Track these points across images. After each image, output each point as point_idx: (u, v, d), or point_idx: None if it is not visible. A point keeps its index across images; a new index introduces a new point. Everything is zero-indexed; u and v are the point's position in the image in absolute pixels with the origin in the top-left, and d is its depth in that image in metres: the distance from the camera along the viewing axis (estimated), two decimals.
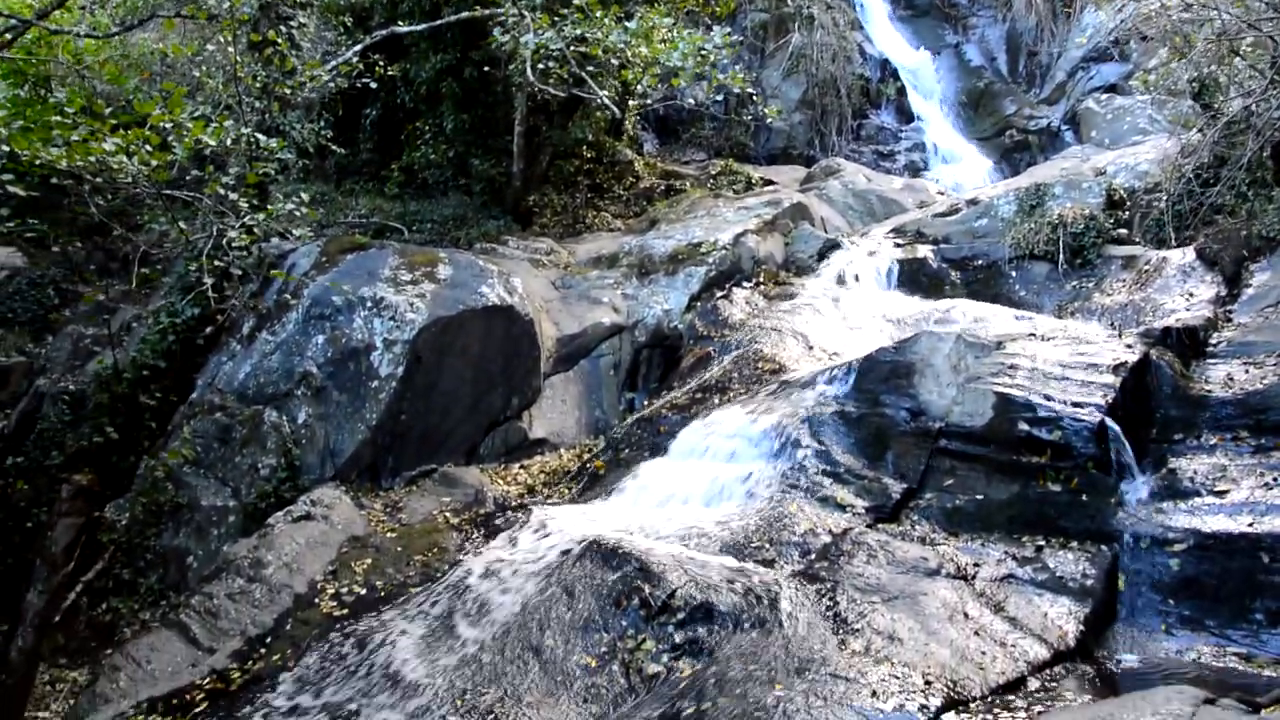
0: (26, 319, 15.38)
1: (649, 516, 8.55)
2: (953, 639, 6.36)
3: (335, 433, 10.72)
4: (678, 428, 9.71)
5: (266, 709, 6.89)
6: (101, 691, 7.99)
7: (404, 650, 7.05)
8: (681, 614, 6.76)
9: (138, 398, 11.56)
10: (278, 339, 11.47)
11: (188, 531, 10.47)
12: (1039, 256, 12.66)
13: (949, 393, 8.68)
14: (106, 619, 10.18)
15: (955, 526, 7.87)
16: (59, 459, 11.86)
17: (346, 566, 8.78)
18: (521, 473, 10.72)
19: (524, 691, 6.44)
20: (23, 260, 16.04)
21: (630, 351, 12.58)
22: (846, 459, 8.66)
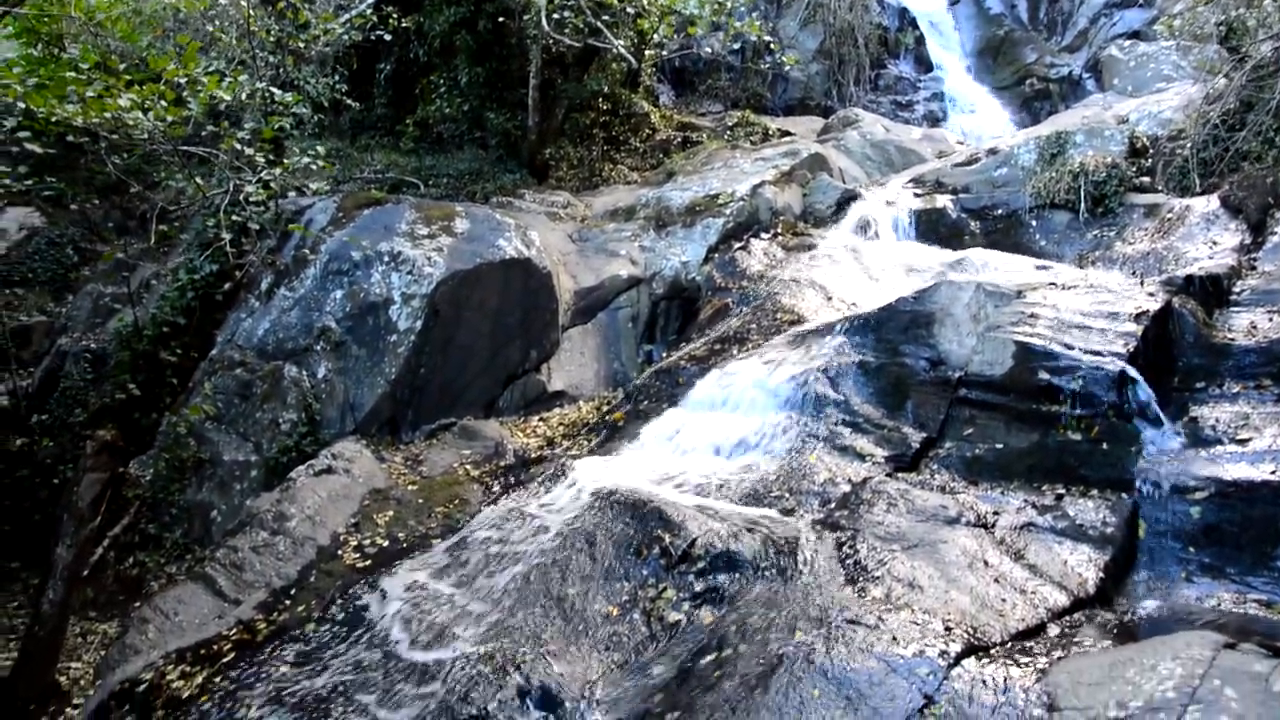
0: (46, 278, 15.48)
1: (668, 467, 8.56)
2: (973, 586, 6.36)
3: (355, 387, 10.77)
4: (696, 379, 9.69)
5: (293, 659, 6.96)
6: (131, 643, 8.08)
7: (427, 599, 7.11)
8: (702, 563, 6.80)
9: (158, 355, 11.62)
10: (296, 295, 11.49)
11: (211, 486, 10.57)
12: (1060, 205, 12.54)
13: (969, 342, 8.63)
14: (133, 573, 10.32)
15: (975, 475, 7.85)
16: (82, 416, 11.98)
17: (368, 519, 8.85)
18: (541, 425, 10.75)
19: (546, 639, 6.50)
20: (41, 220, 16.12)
21: (648, 304, 12.57)
22: (866, 408, 8.65)
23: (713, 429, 8.91)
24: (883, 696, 5.25)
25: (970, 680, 5.31)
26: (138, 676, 7.48)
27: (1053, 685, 5.25)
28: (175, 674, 7.30)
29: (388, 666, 6.60)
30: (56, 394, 12.83)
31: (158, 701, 7.05)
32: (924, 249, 12.67)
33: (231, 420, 10.83)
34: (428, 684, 6.30)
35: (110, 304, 14.10)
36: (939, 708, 5.16)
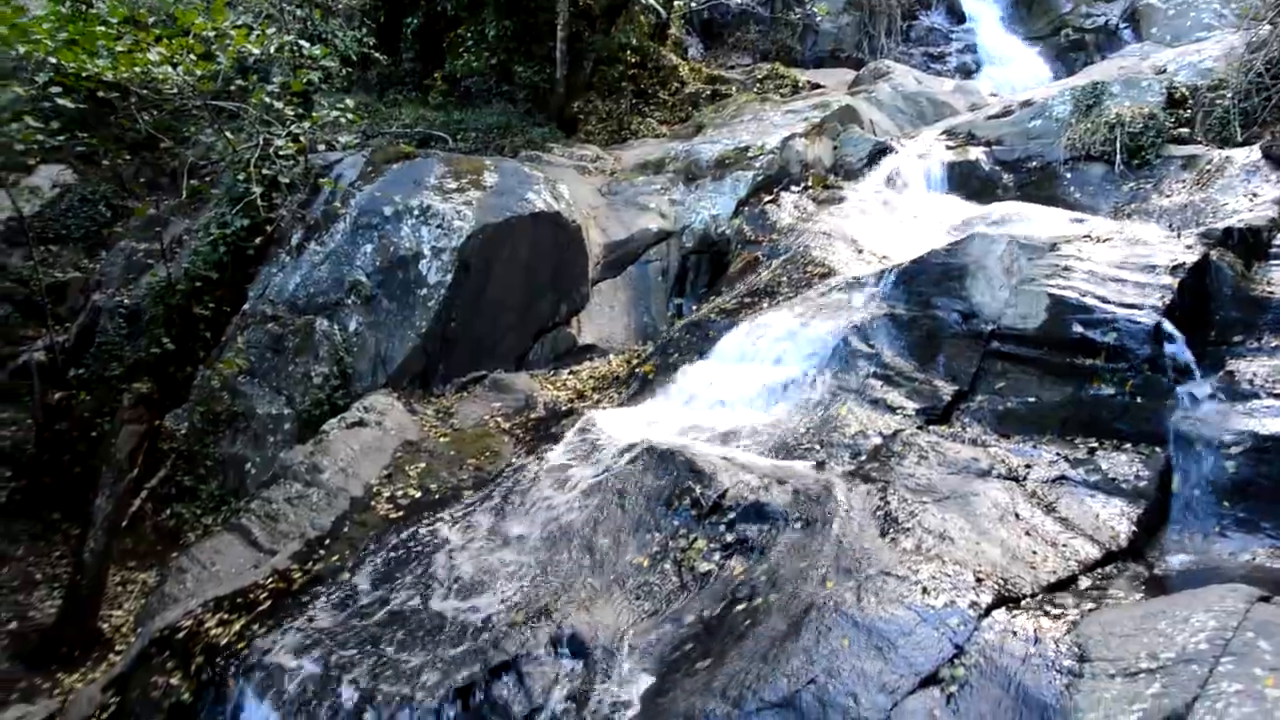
0: (80, 235, 15.60)
1: (699, 419, 8.58)
2: (1003, 538, 6.35)
3: (386, 340, 10.83)
4: (726, 331, 9.67)
5: (327, 607, 7.06)
6: (170, 592, 8.24)
7: (459, 550, 7.19)
8: (732, 514, 6.82)
9: (191, 309, 11.71)
10: (326, 249, 11.53)
11: (245, 439, 10.68)
12: (1095, 157, 12.34)
13: (1001, 295, 8.56)
14: (171, 524, 10.46)
15: (1007, 428, 7.81)
16: (118, 370, 12.10)
17: (401, 470, 8.93)
18: (571, 378, 10.78)
19: (578, 589, 6.56)
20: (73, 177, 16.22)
21: (678, 257, 12.53)
22: (897, 361, 8.61)
23: (743, 382, 8.90)
24: (913, 646, 5.28)
25: (1001, 631, 5.31)
26: (177, 624, 7.61)
27: (1084, 636, 5.25)
28: (213, 621, 7.42)
29: (421, 615, 6.68)
30: (93, 349, 12.97)
31: (197, 648, 7.18)
32: (956, 202, 12.54)
33: (264, 374, 10.92)
34: (461, 632, 6.38)
35: (143, 260, 14.19)
36: (969, 658, 5.18)
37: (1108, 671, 4.94)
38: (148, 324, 12.14)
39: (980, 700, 4.96)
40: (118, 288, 13.83)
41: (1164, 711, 4.48)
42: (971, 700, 4.96)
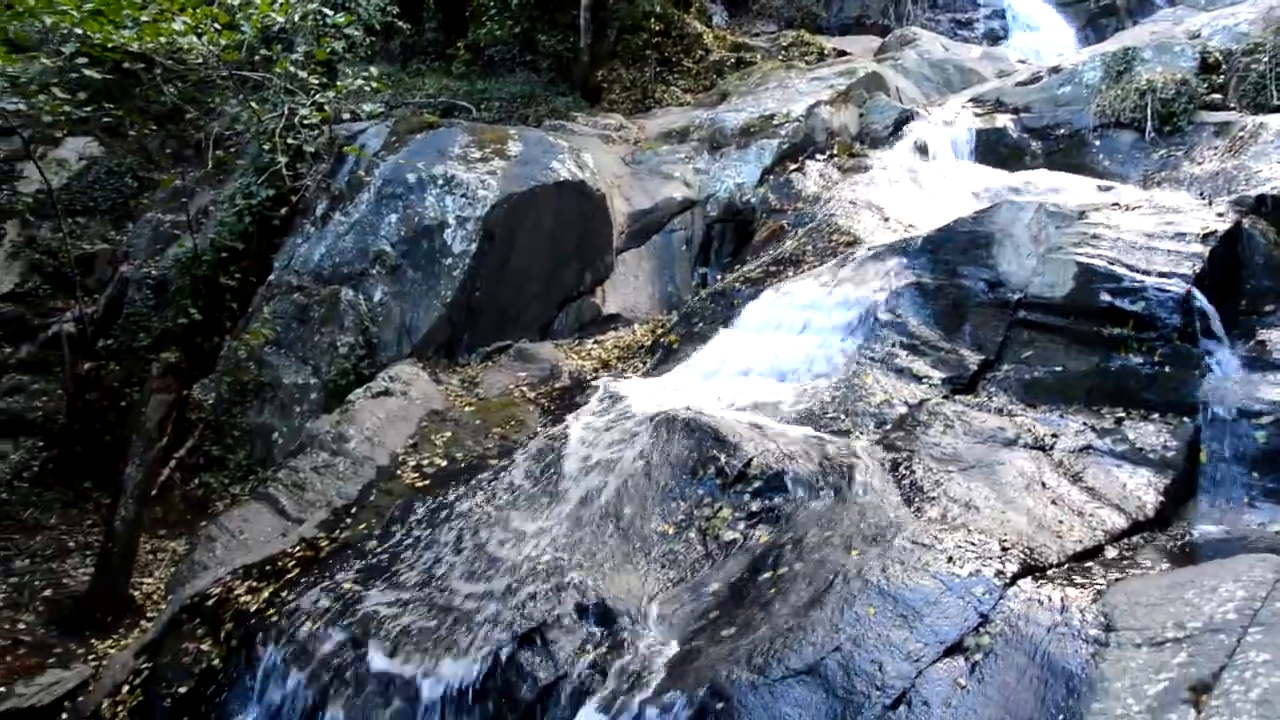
0: (107, 207, 15.69)
1: (724, 388, 8.57)
2: (1029, 508, 6.34)
3: (411, 310, 10.87)
4: (751, 301, 9.64)
5: (355, 575, 7.12)
6: (199, 559, 8.33)
7: (485, 519, 7.22)
8: (758, 483, 6.83)
9: (218, 280, 11.78)
10: (351, 219, 11.56)
11: (272, 409, 10.76)
12: (1125, 124, 12.20)
13: (1029, 263, 8.50)
14: (199, 493, 10.58)
15: (1033, 398, 7.77)
16: (146, 341, 12.21)
17: (426, 439, 8.97)
18: (596, 348, 10.80)
19: (603, 558, 6.58)
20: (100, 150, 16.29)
21: (702, 226, 12.50)
22: (923, 330, 8.57)
23: (768, 351, 8.89)
24: (938, 615, 5.28)
25: (1026, 600, 5.31)
26: (207, 591, 7.71)
27: (1110, 606, 5.24)
28: (242, 589, 7.51)
29: (448, 582, 6.72)
30: (121, 320, 13.08)
31: (226, 614, 7.26)
32: (983, 170, 12.43)
33: (290, 344, 10.98)
34: (487, 600, 6.42)
35: (169, 231, 14.27)
36: (994, 627, 5.18)
37: (1134, 641, 4.93)
38: (174, 295, 12.22)
39: (1005, 669, 4.96)
40: (144, 259, 13.92)
41: (1190, 681, 4.48)
42: (996, 669, 4.97)
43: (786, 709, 4.99)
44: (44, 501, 10.80)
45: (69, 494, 10.94)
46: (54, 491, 10.98)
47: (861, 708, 4.91)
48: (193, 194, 13.87)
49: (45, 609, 8.77)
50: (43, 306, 14.17)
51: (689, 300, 11.18)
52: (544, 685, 5.80)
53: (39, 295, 14.31)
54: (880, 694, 4.94)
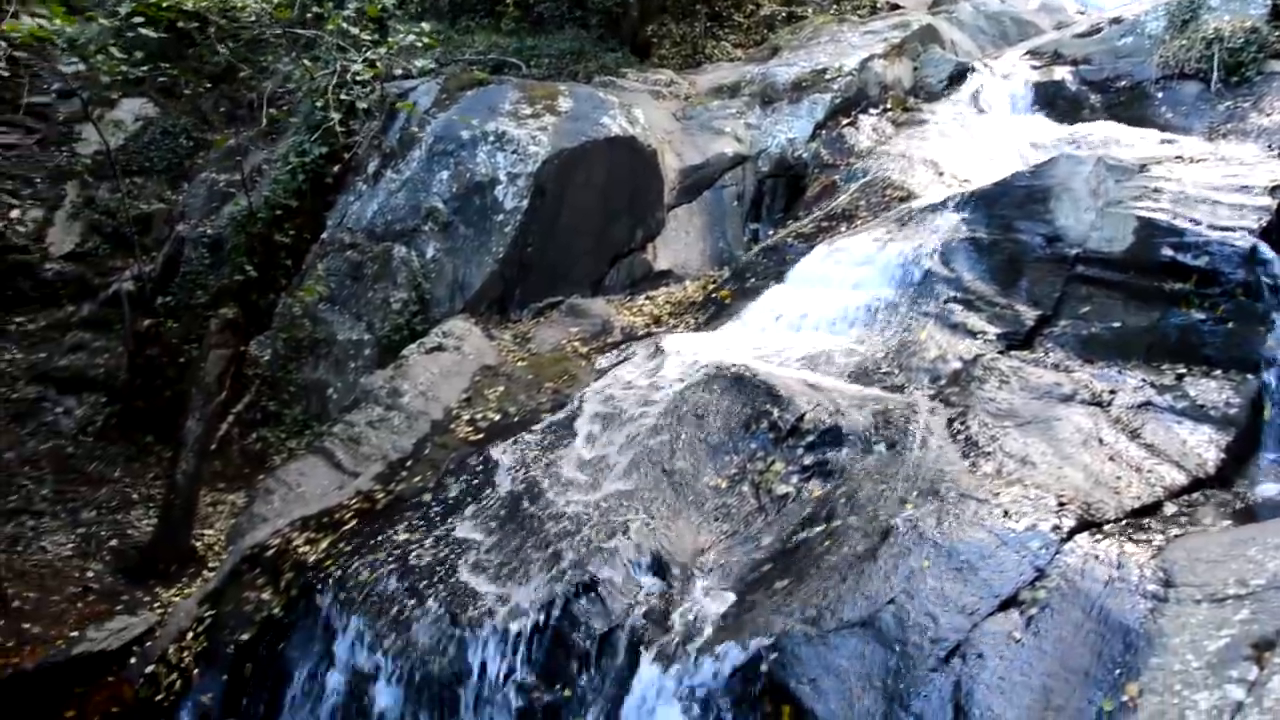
0: (163, 167, 15.90)
1: (776, 343, 8.54)
2: (1086, 464, 6.27)
3: (463, 266, 10.91)
4: (803, 256, 9.58)
5: (411, 526, 7.22)
6: (258, 512, 8.49)
7: (539, 472, 7.28)
8: (810, 437, 6.82)
9: (272, 237, 11.90)
10: (402, 177, 11.61)
11: (327, 365, 10.89)
12: (1189, 75, 11.88)
13: (1087, 217, 8.35)
14: (257, 448, 10.76)
15: (1091, 354, 7.66)
16: (203, 298, 12.40)
17: (480, 394, 9.04)
18: (647, 304, 10.80)
19: (656, 511, 6.61)
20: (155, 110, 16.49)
21: (754, 182, 12.41)
22: (978, 285, 8.47)
23: (821, 306, 8.83)
24: (993, 569, 5.26)
25: (1083, 555, 5.26)
26: (266, 542, 7.86)
27: (1169, 562, 5.18)
28: (301, 540, 7.65)
29: (501, 534, 6.80)
30: (178, 278, 13.28)
31: (285, 565, 7.41)
32: (1040, 123, 12.22)
33: (344, 300, 11.09)
34: (540, 551, 6.49)
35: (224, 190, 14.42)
36: (1050, 581, 5.14)
37: (1194, 597, 4.87)
38: (230, 252, 12.37)
39: (1061, 623, 4.94)
40: (200, 218, 14.09)
41: (1252, 637, 4.42)
42: (1052, 623, 4.94)
43: (840, 660, 5.02)
44: (108, 455, 11.05)
45: (131, 448, 11.17)
46: (117, 446, 11.22)
47: (915, 660, 4.92)
48: (247, 153, 13.99)
49: (112, 558, 9.00)
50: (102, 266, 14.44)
51: (740, 256, 11.13)
52: (599, 635, 5.87)
53: (99, 255, 14.58)
54: (934, 646, 4.95)
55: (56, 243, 14.70)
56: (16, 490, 10.00)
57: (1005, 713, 4.61)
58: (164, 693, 7.22)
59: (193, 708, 7.08)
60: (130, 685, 7.47)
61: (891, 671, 4.92)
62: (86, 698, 7.37)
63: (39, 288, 13.91)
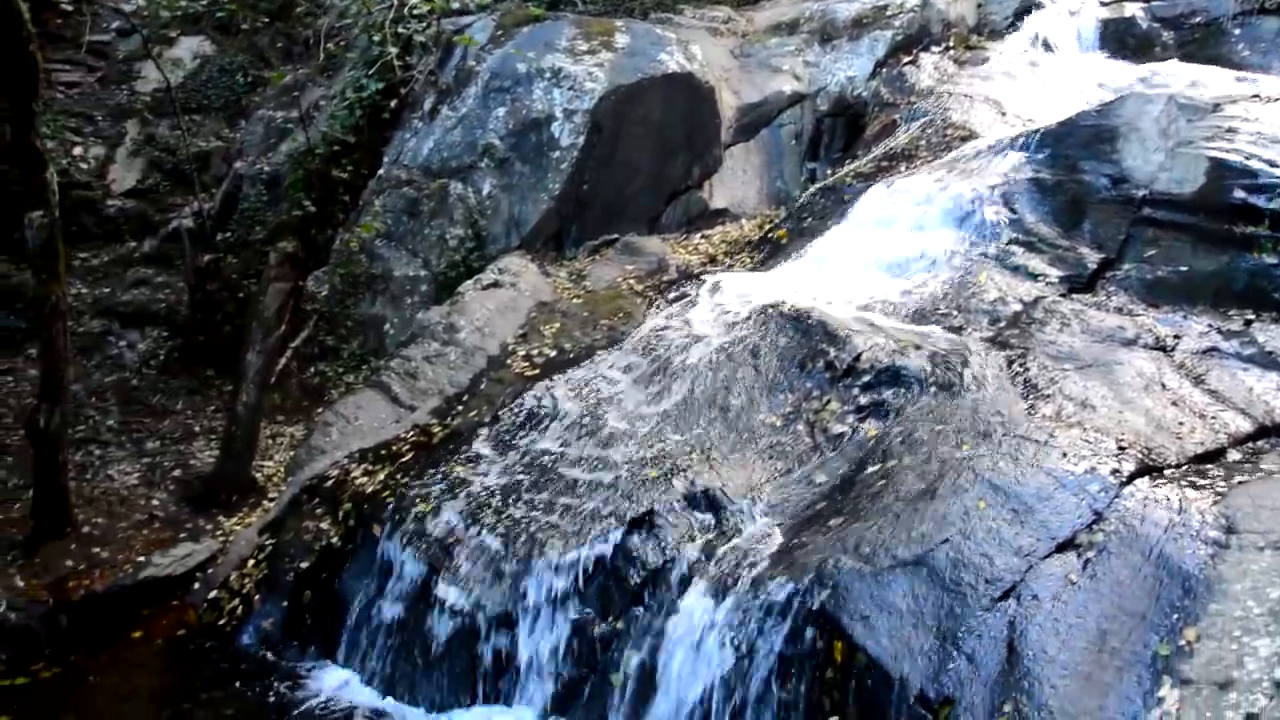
0: (220, 105, 16.01)
1: (833, 283, 8.47)
2: (1148, 408, 6.19)
3: (519, 203, 10.91)
4: (862, 196, 9.45)
5: (468, 457, 7.30)
6: (317, 444, 8.62)
7: (594, 407, 7.32)
8: (867, 377, 6.78)
9: (330, 173, 11.95)
10: (458, 113, 11.58)
11: (383, 300, 10.98)
12: (1270, 11, 11.48)
13: (1156, 158, 8.15)
14: (315, 382, 10.91)
15: (1155, 298, 7.53)
16: (262, 234, 12.53)
17: (535, 330, 9.08)
18: (703, 242, 10.74)
19: (710, 447, 6.64)
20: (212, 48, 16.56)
21: (812, 120, 12.23)
22: (1040, 227, 8.32)
23: (878, 247, 8.73)
24: (1050, 511, 5.23)
25: (1143, 499, 5.22)
26: (325, 474, 8.01)
27: (1232, 508, 5.12)
28: (359, 471, 7.77)
29: (556, 468, 6.87)
30: (236, 215, 13.42)
31: (344, 496, 7.54)
32: (1109, 62, 11.91)
33: (401, 237, 11.15)
34: (596, 485, 6.55)
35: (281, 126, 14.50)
36: (1108, 525, 5.11)
37: (1257, 544, 4.82)
38: (288, 188, 12.46)
39: (1119, 566, 4.91)
40: (258, 155, 14.20)
41: None
42: (1109, 566, 4.92)
43: (893, 598, 5.03)
44: (170, 388, 11.26)
45: (193, 381, 11.37)
46: (179, 379, 11.43)
47: (968, 599, 4.92)
48: (304, 89, 14.03)
49: (175, 488, 9.21)
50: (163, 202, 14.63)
51: (798, 196, 11.00)
52: (652, 569, 5.94)
53: (159, 191, 14.76)
54: (988, 587, 4.94)
55: (118, 180, 14.91)
56: (84, 421, 10.24)
57: (1059, 654, 4.61)
58: (226, 618, 7.42)
59: (254, 632, 7.28)
60: (194, 610, 7.69)
61: (944, 610, 4.93)
62: (152, 620, 7.59)
63: (102, 224, 14.13)
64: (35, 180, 7.84)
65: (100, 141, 15.28)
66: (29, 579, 7.62)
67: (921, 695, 4.71)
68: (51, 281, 7.90)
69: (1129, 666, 4.47)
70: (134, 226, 14.18)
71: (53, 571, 7.76)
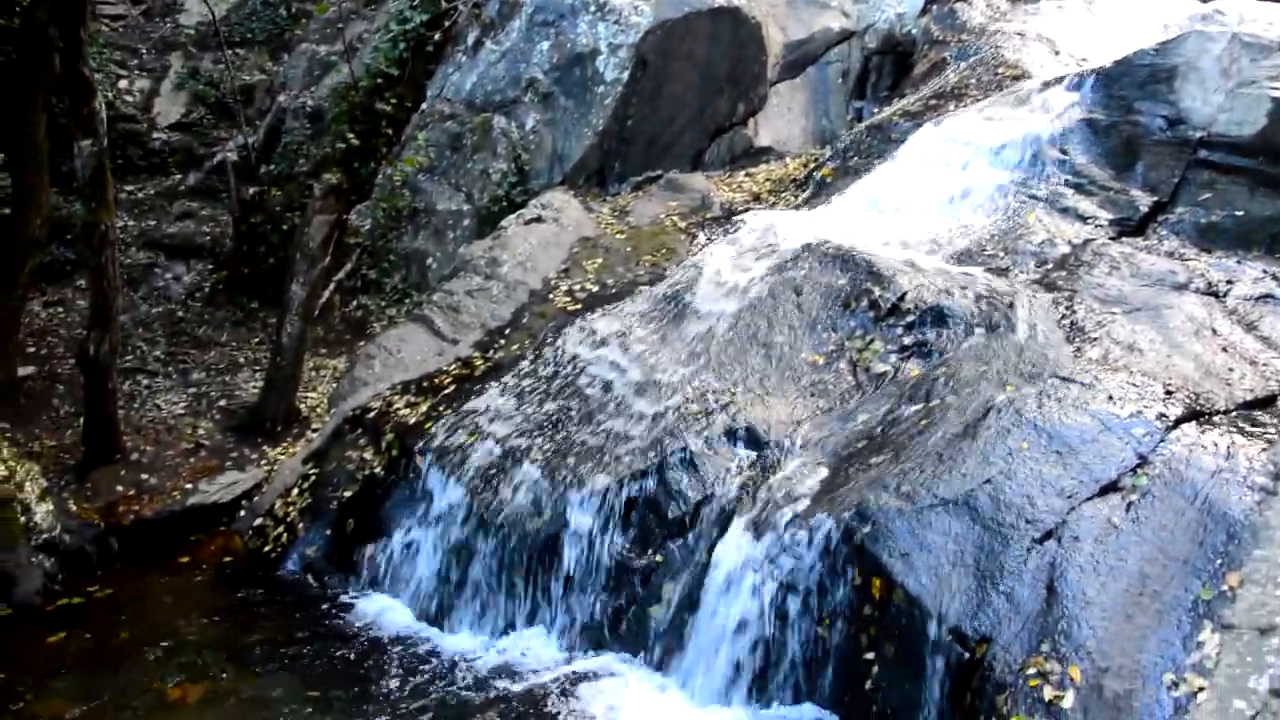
0: (263, 38, 15.99)
1: (878, 222, 8.37)
2: (1197, 353, 6.11)
3: (562, 138, 10.86)
4: (909, 135, 9.29)
5: (508, 392, 7.35)
6: (359, 376, 8.71)
7: (636, 343, 7.32)
8: (911, 317, 6.72)
9: (374, 106, 11.93)
10: (502, 47, 11.50)
11: (426, 234, 11.01)
12: None
13: (1215, 99, 7.95)
14: (358, 315, 11.01)
15: (1208, 242, 7.38)
16: (305, 167, 12.57)
17: (578, 265, 9.07)
18: (747, 180, 10.64)
19: (752, 384, 6.64)
20: None
21: (859, 58, 12.01)
22: (1091, 169, 8.15)
23: (925, 186, 8.59)
24: (1094, 454, 5.21)
25: (1189, 444, 5.18)
26: (367, 405, 8.09)
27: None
28: (401, 403, 7.85)
29: (598, 402, 6.90)
30: (280, 148, 13.46)
31: (386, 426, 7.63)
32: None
33: (444, 171, 11.14)
34: (637, 420, 6.59)
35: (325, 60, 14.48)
36: (1153, 468, 5.09)
37: None
38: (331, 121, 12.47)
39: (1163, 510, 4.89)
40: (301, 89, 14.21)
41: None
42: (1153, 510, 4.91)
43: (933, 536, 5.05)
44: (215, 320, 11.40)
45: (238, 313, 11.51)
46: (224, 311, 11.57)
47: (1009, 539, 4.93)
48: (347, 22, 13.96)
49: (220, 417, 9.36)
50: (207, 136, 14.71)
51: (844, 134, 10.86)
52: (692, 504, 5.99)
53: (203, 125, 14.84)
54: (1030, 527, 4.95)
55: (163, 113, 14.99)
56: (132, 351, 10.40)
57: (1099, 596, 4.63)
58: (271, 544, 7.59)
59: (298, 559, 7.44)
60: (239, 536, 7.88)
61: (984, 550, 4.95)
62: (199, 546, 7.78)
63: (147, 157, 14.24)
64: (84, 109, 7.90)
65: (145, 75, 15.35)
66: (81, 503, 7.81)
67: (959, 633, 4.75)
68: (100, 210, 7.99)
69: (1169, 610, 4.48)
70: (179, 160, 14.29)
71: (103, 496, 7.96)
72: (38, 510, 7.21)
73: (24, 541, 6.91)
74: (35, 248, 9.16)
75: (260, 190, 11.86)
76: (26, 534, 6.97)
